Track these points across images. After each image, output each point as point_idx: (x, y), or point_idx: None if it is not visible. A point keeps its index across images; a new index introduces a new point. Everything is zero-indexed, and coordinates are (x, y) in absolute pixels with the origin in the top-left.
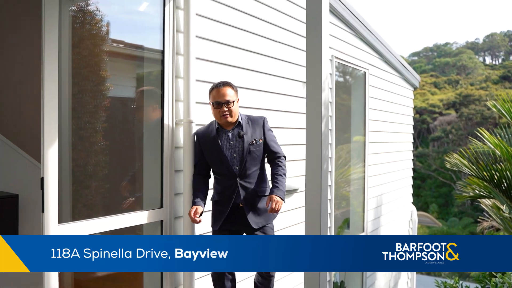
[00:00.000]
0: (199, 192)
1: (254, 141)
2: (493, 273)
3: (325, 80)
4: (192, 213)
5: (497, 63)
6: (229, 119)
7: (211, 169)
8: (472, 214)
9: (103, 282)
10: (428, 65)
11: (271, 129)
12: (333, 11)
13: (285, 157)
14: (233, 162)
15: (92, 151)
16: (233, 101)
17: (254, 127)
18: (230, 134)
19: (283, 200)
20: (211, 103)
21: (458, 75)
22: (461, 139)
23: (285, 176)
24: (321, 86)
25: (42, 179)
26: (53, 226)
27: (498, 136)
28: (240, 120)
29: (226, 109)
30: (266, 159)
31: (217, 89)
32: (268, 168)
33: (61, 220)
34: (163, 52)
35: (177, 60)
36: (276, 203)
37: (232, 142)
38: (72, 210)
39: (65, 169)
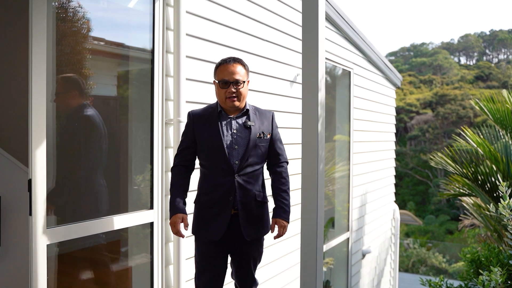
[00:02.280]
0: (181, 191)
1: (262, 135)
2: (480, 270)
3: (321, 80)
4: (177, 226)
5: (471, 63)
6: (236, 103)
7: (199, 162)
8: (448, 211)
9: (89, 285)
10: (405, 65)
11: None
12: None
13: (287, 163)
14: (233, 155)
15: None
16: (243, 82)
17: (262, 120)
18: (234, 123)
19: (288, 223)
20: (217, 82)
21: (434, 75)
22: (437, 137)
23: (289, 191)
24: (318, 86)
25: (29, 181)
26: (40, 229)
27: (481, 135)
28: (247, 107)
29: (234, 90)
30: (266, 161)
31: (225, 65)
32: (266, 171)
33: (48, 223)
34: (152, 50)
35: (167, 58)
36: (283, 229)
37: (235, 131)
38: (57, 213)
39: (50, 170)
